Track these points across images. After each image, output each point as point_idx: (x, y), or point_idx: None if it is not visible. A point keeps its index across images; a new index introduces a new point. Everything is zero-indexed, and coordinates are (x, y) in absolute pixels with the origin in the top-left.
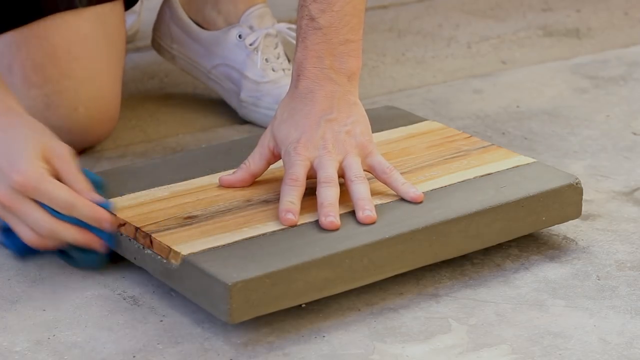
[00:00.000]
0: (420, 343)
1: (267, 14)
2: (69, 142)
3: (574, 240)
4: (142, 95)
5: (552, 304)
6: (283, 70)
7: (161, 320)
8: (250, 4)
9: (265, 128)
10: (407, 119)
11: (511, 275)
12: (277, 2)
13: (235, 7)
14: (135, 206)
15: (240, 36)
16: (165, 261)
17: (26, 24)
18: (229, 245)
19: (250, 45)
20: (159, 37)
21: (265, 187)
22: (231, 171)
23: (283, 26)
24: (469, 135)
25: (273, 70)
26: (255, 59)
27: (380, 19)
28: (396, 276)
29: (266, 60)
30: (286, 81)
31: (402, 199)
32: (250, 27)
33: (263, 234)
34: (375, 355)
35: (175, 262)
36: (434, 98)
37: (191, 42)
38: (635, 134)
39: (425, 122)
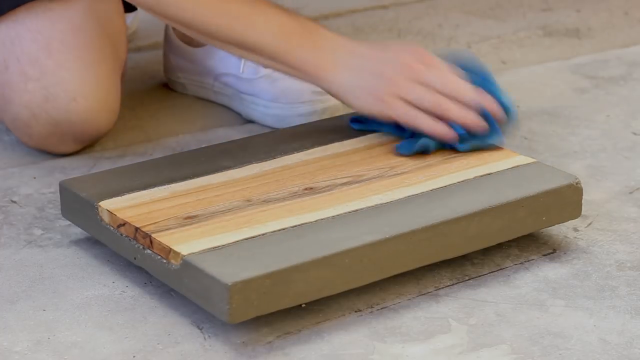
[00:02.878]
0: (420, 343)
1: None
2: (70, 135)
3: (574, 240)
4: (142, 95)
5: (552, 304)
6: None
7: (161, 321)
8: None
9: (265, 125)
10: None
11: (511, 275)
12: (278, 2)
13: None
14: (135, 206)
15: None
16: (165, 261)
17: (14, 9)
18: (229, 245)
19: None
20: (167, 71)
21: (266, 187)
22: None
23: None
24: None
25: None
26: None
27: (380, 19)
28: (396, 276)
29: None
30: (279, 74)
31: (402, 199)
32: None
33: (263, 234)
34: (375, 355)
35: (175, 263)
36: None
37: (190, 65)
38: (635, 134)
39: None
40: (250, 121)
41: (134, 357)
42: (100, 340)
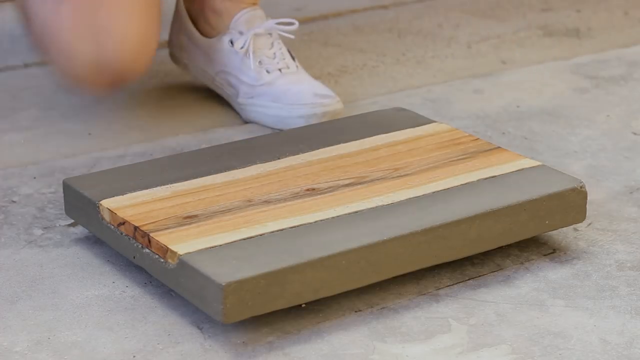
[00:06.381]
0: (420, 343)
1: (256, 16)
2: (109, 69)
3: (574, 240)
4: (142, 95)
5: (552, 304)
6: (279, 70)
7: (161, 321)
8: (238, 9)
9: (264, 126)
10: (415, 120)
11: (511, 275)
12: (278, 2)
13: (222, 19)
14: (136, 205)
15: (231, 42)
16: (162, 260)
17: None
18: (226, 245)
19: (241, 48)
20: (173, 47)
21: (267, 188)
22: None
23: (272, 22)
24: (476, 138)
25: (267, 72)
26: (248, 62)
27: (380, 19)
28: (396, 276)
29: (260, 62)
30: (282, 81)
31: (404, 201)
32: (240, 32)
33: (261, 234)
34: (375, 355)
35: (172, 262)
36: (434, 98)
37: (197, 50)
38: (635, 134)
39: (433, 124)
40: (250, 121)
41: (134, 357)
42: (100, 340)
